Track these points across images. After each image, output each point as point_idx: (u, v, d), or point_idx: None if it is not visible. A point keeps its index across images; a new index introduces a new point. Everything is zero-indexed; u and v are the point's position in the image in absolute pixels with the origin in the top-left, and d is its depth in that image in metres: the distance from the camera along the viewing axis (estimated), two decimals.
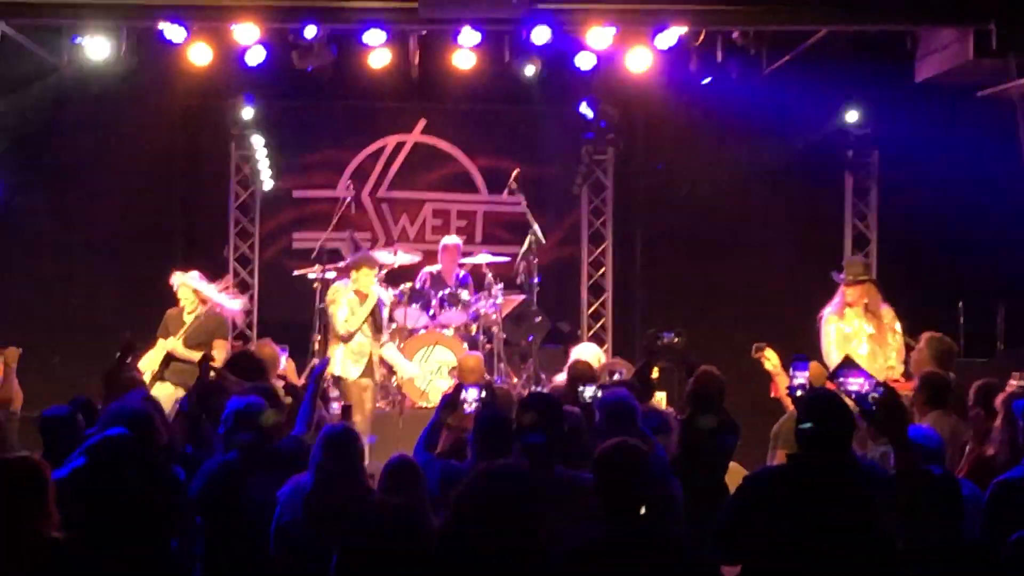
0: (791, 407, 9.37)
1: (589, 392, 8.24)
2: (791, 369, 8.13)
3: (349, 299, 12.45)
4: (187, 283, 11.59)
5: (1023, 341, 13.04)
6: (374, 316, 12.54)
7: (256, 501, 6.77)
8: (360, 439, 6.76)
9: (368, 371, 12.46)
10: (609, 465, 5.62)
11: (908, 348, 10.87)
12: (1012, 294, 13.53)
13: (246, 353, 9.47)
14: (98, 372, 9.29)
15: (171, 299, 11.81)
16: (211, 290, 11.68)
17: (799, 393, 7.95)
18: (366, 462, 6.86)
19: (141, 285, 13.51)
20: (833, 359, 10.73)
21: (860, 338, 11.17)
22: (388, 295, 13.16)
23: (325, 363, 8.00)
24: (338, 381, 12.29)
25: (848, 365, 5.27)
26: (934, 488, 4.93)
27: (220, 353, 11.38)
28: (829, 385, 7.04)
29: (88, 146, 14.71)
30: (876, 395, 4.84)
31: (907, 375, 10.62)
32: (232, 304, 11.92)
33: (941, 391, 8.63)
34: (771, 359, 9.92)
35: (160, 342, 11.54)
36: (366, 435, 10.20)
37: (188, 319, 11.54)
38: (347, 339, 12.41)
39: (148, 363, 11.28)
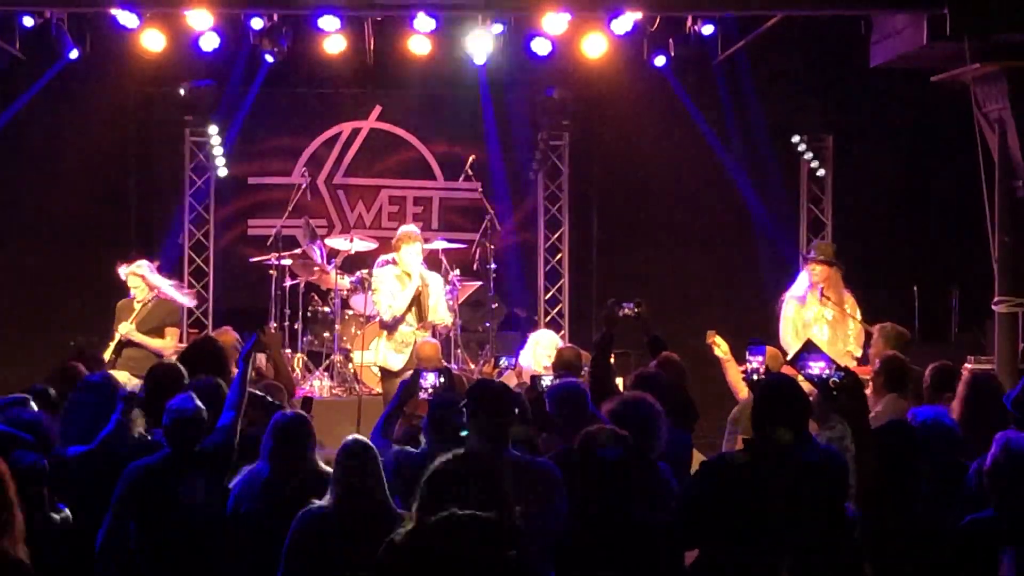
0: (742, 393, 9.38)
1: (546, 381, 8.20)
2: (747, 353, 8.16)
3: (391, 286, 11.63)
4: (135, 272, 11.49)
5: (977, 325, 13.10)
6: (420, 302, 11.72)
7: (185, 502, 6.68)
8: (311, 425, 6.73)
9: (412, 363, 11.17)
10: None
11: (867, 334, 10.87)
12: (966, 279, 13.59)
13: (208, 340, 9.39)
14: (52, 361, 9.22)
15: (124, 287, 11.71)
16: (160, 280, 11.59)
17: (755, 377, 7.98)
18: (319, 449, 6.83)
19: (95, 272, 13.38)
20: (789, 343, 10.72)
21: (820, 323, 11.14)
22: (436, 278, 12.18)
23: (252, 341, 7.63)
24: (383, 373, 11.82)
25: (810, 349, 5.28)
26: (891, 471, 4.95)
27: (172, 340, 11.36)
28: (785, 369, 7.06)
29: (41, 133, 14.62)
30: (837, 379, 4.84)
31: (865, 360, 10.62)
32: (181, 298, 11.83)
33: (900, 375, 8.65)
34: (721, 346, 9.90)
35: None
36: None
37: (138, 307, 11.46)
38: (391, 327, 11.66)
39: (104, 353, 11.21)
